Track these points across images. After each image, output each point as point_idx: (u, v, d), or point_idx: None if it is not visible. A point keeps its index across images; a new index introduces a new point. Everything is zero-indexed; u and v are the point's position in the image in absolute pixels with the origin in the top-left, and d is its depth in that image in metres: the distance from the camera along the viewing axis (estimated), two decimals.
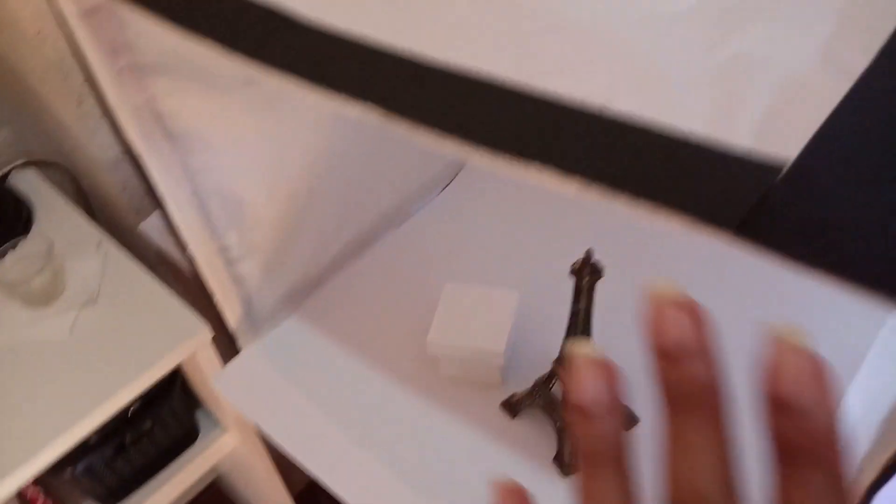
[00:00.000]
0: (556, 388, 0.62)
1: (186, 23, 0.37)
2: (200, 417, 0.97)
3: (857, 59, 0.29)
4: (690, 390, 0.19)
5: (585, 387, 0.19)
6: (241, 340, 0.72)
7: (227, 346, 0.74)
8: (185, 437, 0.94)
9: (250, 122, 0.58)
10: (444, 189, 0.86)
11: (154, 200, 0.60)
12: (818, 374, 0.17)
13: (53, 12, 0.45)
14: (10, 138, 1.03)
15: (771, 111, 0.27)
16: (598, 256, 0.52)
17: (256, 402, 0.69)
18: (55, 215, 0.93)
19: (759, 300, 0.69)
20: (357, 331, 0.73)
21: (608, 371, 0.20)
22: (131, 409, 0.83)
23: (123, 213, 0.98)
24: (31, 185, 0.97)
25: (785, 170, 0.24)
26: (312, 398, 0.68)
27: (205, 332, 0.79)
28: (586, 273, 0.52)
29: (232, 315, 0.69)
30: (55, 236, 0.85)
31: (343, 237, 0.75)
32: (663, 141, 0.26)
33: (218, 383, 0.71)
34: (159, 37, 0.39)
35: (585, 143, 0.27)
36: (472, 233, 0.80)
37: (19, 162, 0.99)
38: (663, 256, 0.75)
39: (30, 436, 0.71)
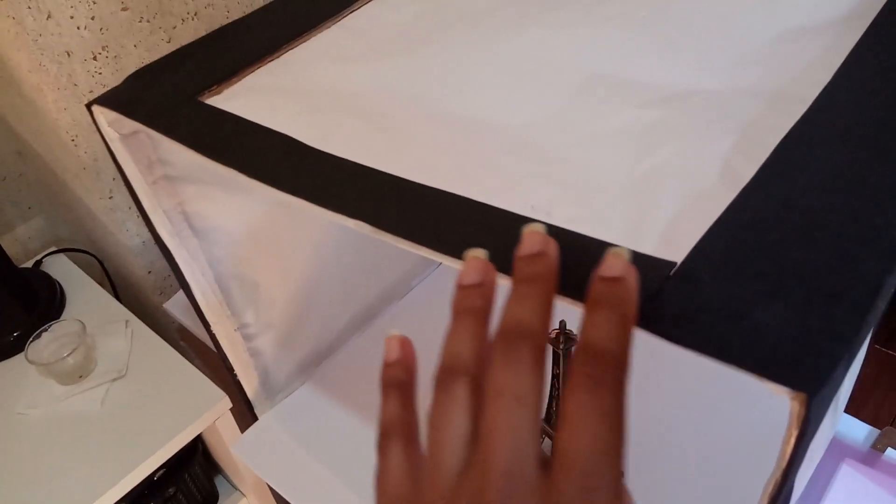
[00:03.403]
0: (547, 443, 0.68)
1: (211, 153, 0.45)
2: (220, 483, 1.03)
3: (749, 171, 0.37)
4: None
5: (467, 273, 0.31)
6: (258, 408, 0.78)
7: (244, 414, 0.81)
8: (205, 502, 1.00)
9: (265, 215, 0.66)
10: (440, 264, 0.94)
11: (178, 282, 0.68)
12: (627, 266, 0.28)
13: (101, 134, 0.54)
14: (43, 227, 1.12)
15: (673, 219, 0.35)
16: (570, 326, 0.59)
17: (273, 465, 0.75)
18: (85, 297, 1.01)
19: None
20: (364, 396, 0.80)
21: (486, 267, 0.31)
22: (156, 475, 0.89)
23: (148, 294, 1.07)
24: (61, 269, 1.05)
25: (672, 271, 0.31)
26: (324, 459, 0.74)
27: (224, 402, 0.86)
28: (562, 341, 0.59)
29: (249, 386, 0.75)
30: (86, 317, 0.93)
31: (349, 312, 0.83)
32: (586, 248, 0.33)
33: (237, 449, 0.78)
34: (188, 155, 0.47)
35: None
36: None
37: (51, 250, 1.08)
38: None
39: (66, 502, 0.77)
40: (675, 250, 0.33)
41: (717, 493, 0.67)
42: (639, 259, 0.33)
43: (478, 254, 0.31)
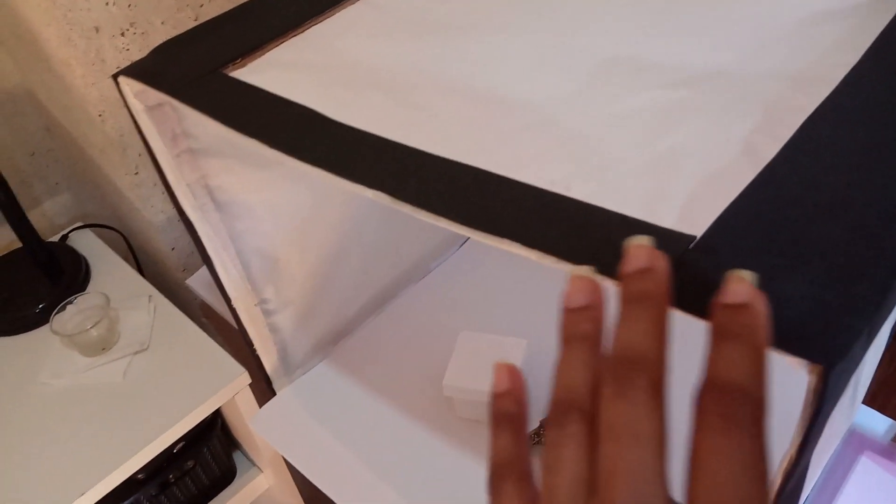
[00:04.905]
0: None
1: (234, 124, 0.45)
2: (237, 458, 1.05)
3: (771, 150, 0.37)
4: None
5: (572, 295, 0.28)
6: (276, 384, 0.79)
7: (263, 390, 0.81)
8: (223, 476, 1.01)
9: (286, 191, 0.67)
10: (460, 247, 0.94)
11: (200, 258, 0.68)
12: (753, 291, 0.25)
13: (127, 106, 0.55)
14: (70, 203, 1.14)
15: (693, 196, 0.35)
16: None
17: (289, 440, 0.76)
18: (110, 272, 1.03)
19: None
20: (380, 375, 0.80)
21: (593, 287, 0.28)
22: (176, 448, 0.91)
23: (172, 270, 1.08)
24: (87, 244, 1.07)
25: (692, 244, 0.31)
26: (340, 435, 0.75)
27: (244, 377, 0.87)
28: None
29: (268, 361, 0.76)
30: (110, 291, 0.94)
31: (368, 291, 0.83)
32: (605, 221, 0.33)
33: (254, 423, 0.78)
34: (211, 127, 0.47)
35: (546, 221, 0.34)
36: (484, 287, 0.88)
37: (78, 225, 1.09)
38: None
39: (86, 470, 0.78)
40: (694, 226, 0.32)
41: None
42: (657, 232, 0.32)
43: (581, 272, 0.29)
